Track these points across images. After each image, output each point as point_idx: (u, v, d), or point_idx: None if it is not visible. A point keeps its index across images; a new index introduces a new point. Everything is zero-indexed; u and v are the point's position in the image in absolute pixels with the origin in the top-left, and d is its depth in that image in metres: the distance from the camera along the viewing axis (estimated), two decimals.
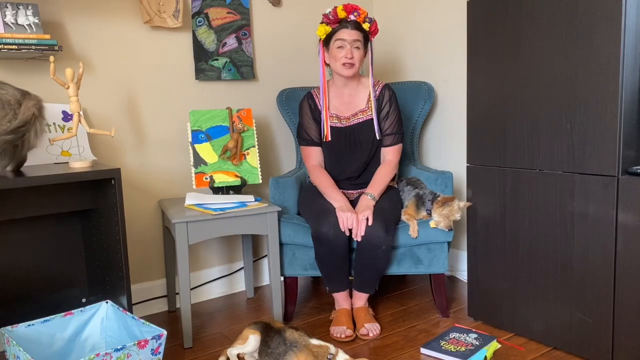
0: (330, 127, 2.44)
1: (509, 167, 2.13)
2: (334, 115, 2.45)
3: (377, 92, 2.45)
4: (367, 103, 2.45)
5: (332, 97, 2.47)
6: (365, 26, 2.35)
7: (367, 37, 2.39)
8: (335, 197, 2.33)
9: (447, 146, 2.90)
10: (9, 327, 1.80)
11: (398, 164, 2.50)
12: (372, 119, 2.42)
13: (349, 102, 2.47)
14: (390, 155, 2.46)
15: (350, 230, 2.21)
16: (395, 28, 3.11)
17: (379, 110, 2.44)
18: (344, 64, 2.33)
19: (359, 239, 2.20)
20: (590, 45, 1.83)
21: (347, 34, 2.32)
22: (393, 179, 2.57)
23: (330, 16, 2.33)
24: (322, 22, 2.37)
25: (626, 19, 1.75)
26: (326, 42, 2.39)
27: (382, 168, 2.44)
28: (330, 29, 2.35)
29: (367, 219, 2.20)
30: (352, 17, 2.32)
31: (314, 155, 2.48)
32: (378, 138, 2.42)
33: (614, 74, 1.78)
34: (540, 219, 2.05)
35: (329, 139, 2.43)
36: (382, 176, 2.41)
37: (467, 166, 2.29)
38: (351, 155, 2.44)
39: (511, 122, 2.10)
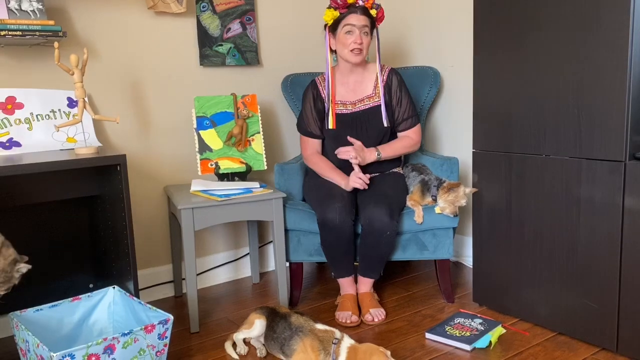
0: (336, 114, 2.43)
1: (515, 152, 2.12)
2: (339, 102, 2.44)
3: (384, 78, 2.43)
4: (374, 89, 2.44)
5: (337, 83, 2.46)
6: (373, 12, 2.33)
7: (373, 24, 2.37)
8: (336, 177, 2.34)
9: (453, 131, 2.89)
10: (17, 312, 1.82)
11: (419, 143, 2.50)
12: (379, 106, 2.41)
13: (355, 89, 2.45)
14: (410, 133, 2.46)
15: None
16: (401, 12, 3.07)
17: (390, 98, 2.43)
18: (352, 50, 2.32)
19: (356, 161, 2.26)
20: (599, 29, 1.81)
21: (356, 19, 2.30)
22: (399, 165, 2.56)
23: (338, 1, 2.31)
24: (329, 7, 2.34)
25: (635, 2, 1.72)
26: (333, 27, 2.37)
27: (401, 139, 2.45)
28: (339, 14, 2.33)
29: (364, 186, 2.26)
30: (360, 2, 2.30)
31: (312, 145, 2.49)
32: (386, 125, 2.41)
33: (622, 59, 1.76)
34: (546, 204, 2.04)
35: (335, 127, 2.42)
36: (398, 145, 2.42)
37: (473, 152, 2.27)
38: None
39: (518, 107, 2.09)
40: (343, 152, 2.30)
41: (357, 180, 2.25)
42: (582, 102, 1.88)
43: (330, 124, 2.41)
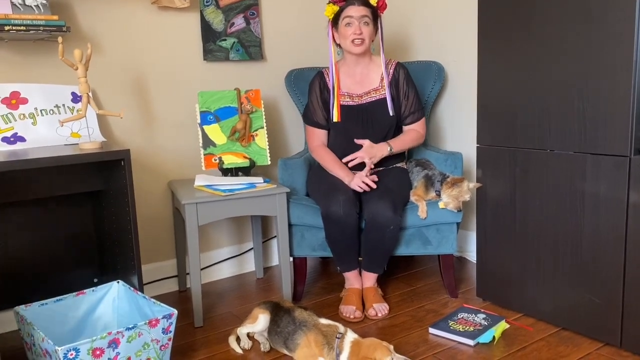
0: (342, 105, 2.42)
1: (520, 147, 2.11)
2: (346, 94, 2.44)
3: (390, 71, 2.43)
4: (380, 82, 2.43)
5: (343, 76, 2.45)
6: (373, 1, 2.33)
7: (375, 13, 2.36)
8: (341, 172, 2.34)
9: (457, 126, 2.88)
10: (22, 306, 1.83)
11: (424, 136, 2.52)
12: (385, 98, 2.40)
13: (361, 81, 2.45)
14: (416, 127, 2.47)
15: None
16: (404, 6, 3.06)
17: (396, 92, 2.43)
18: (353, 41, 2.31)
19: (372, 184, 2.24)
20: (604, 23, 1.79)
21: (355, 10, 2.30)
22: (402, 159, 2.56)
23: None
24: (329, 2, 2.35)
25: None
26: (335, 21, 2.37)
27: (409, 133, 2.46)
28: (338, 8, 2.33)
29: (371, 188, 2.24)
30: None
31: (318, 136, 2.48)
32: (391, 114, 2.40)
33: (628, 53, 1.75)
34: (550, 199, 2.04)
35: (340, 119, 2.41)
36: (407, 138, 2.44)
37: (477, 147, 2.27)
38: (363, 134, 2.41)
39: (522, 102, 2.08)
40: (352, 162, 2.31)
41: (360, 184, 2.24)
42: (587, 96, 1.88)
43: (335, 116, 2.41)
